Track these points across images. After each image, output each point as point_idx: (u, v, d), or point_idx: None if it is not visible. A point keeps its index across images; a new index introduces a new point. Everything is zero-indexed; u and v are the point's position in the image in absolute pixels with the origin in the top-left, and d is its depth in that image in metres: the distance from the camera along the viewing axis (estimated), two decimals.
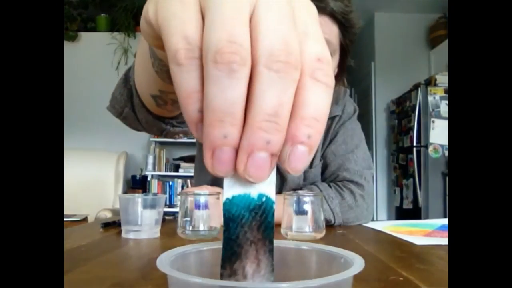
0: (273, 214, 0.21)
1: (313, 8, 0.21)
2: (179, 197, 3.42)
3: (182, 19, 0.19)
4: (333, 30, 0.82)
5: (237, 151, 0.18)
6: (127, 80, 0.57)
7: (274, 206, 0.21)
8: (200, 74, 0.18)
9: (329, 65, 0.20)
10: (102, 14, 3.94)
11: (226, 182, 0.20)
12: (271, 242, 0.21)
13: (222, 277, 0.21)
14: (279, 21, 0.19)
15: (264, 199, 0.20)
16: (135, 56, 0.61)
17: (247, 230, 0.20)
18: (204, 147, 0.18)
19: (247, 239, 0.20)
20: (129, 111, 0.58)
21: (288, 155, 0.19)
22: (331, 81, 0.19)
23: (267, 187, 0.20)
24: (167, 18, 0.20)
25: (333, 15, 0.80)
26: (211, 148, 0.18)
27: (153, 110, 0.54)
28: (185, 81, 0.18)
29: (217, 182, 0.98)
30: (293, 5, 0.20)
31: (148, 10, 0.22)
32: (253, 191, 0.20)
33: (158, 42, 0.26)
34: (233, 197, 0.20)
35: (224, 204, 0.20)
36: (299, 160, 0.19)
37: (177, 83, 0.19)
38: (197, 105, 0.19)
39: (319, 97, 0.19)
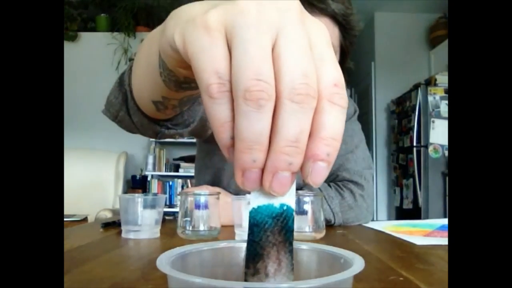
0: (293, 220, 0.23)
1: (325, 30, 0.23)
2: (179, 197, 3.42)
3: (212, 55, 0.21)
4: (334, 32, 0.82)
5: (263, 170, 0.21)
6: (121, 84, 0.57)
7: (294, 214, 0.23)
8: (230, 105, 0.21)
9: (343, 87, 0.22)
10: (102, 14, 3.93)
11: (252, 194, 0.23)
12: (291, 244, 0.23)
13: (246, 275, 0.22)
14: (298, 53, 0.21)
15: (285, 207, 0.23)
16: (129, 60, 0.61)
17: (270, 234, 0.22)
18: (235, 168, 0.21)
19: (269, 242, 0.22)
20: (124, 115, 0.58)
21: (310, 171, 0.21)
22: (346, 102, 0.22)
23: (288, 198, 0.23)
24: (197, 53, 0.22)
25: (334, 17, 0.81)
26: (242, 169, 0.21)
27: (151, 114, 0.54)
28: (218, 112, 0.21)
29: (217, 182, 0.98)
30: (309, 31, 0.22)
31: (175, 38, 0.24)
32: (276, 202, 0.23)
33: (181, 64, 0.28)
34: (258, 206, 0.22)
35: (250, 212, 0.23)
36: (320, 175, 0.21)
37: (210, 114, 0.21)
38: (229, 133, 0.21)
39: (336, 119, 0.21)
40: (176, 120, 0.59)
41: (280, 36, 0.21)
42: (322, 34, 0.23)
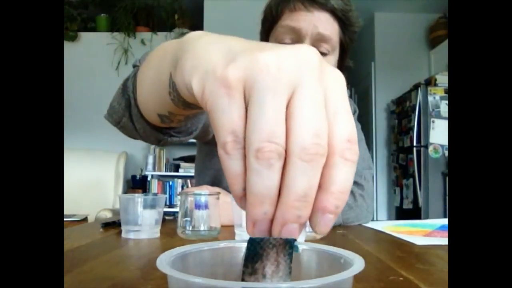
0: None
1: (342, 81, 0.24)
2: (179, 197, 3.42)
3: (230, 115, 0.22)
4: (334, 27, 0.83)
5: (272, 219, 0.22)
6: (125, 90, 0.56)
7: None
8: (243, 161, 0.22)
9: (356, 142, 0.23)
10: (102, 14, 3.93)
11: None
12: (291, 247, 0.23)
13: (243, 274, 0.23)
14: (311, 111, 0.21)
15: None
16: (133, 66, 0.60)
17: (271, 237, 0.23)
18: (247, 218, 0.22)
19: (270, 243, 0.23)
20: (127, 121, 0.58)
21: (318, 222, 0.22)
22: (357, 156, 0.23)
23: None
24: (216, 111, 0.23)
25: (333, 13, 0.82)
26: (253, 220, 0.22)
27: (155, 124, 0.54)
28: (232, 166, 0.22)
29: (217, 183, 0.98)
30: (325, 84, 0.23)
31: (192, 85, 0.25)
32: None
33: (196, 102, 0.28)
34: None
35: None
36: (328, 225, 0.22)
37: (224, 166, 0.23)
38: (241, 185, 0.22)
39: (346, 174, 0.22)
40: (179, 128, 0.59)
41: (296, 93, 0.22)
42: (339, 86, 0.24)
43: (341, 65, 0.91)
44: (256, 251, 0.23)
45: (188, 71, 0.26)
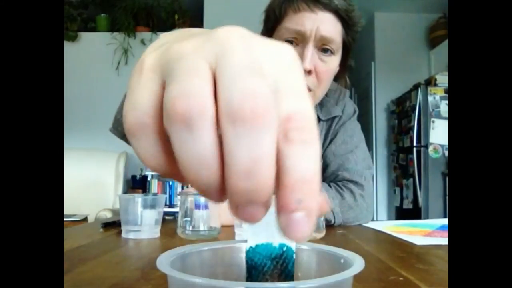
0: (293, 264, 0.22)
1: (282, 55, 0.19)
2: (179, 197, 3.42)
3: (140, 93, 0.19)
4: (337, 28, 0.83)
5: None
6: None
7: (294, 256, 0.22)
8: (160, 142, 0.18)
9: (304, 118, 0.18)
10: (102, 14, 3.93)
11: (250, 231, 0.21)
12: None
13: None
14: (240, 72, 0.17)
15: (285, 248, 0.21)
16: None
17: (269, 278, 0.21)
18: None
19: None
20: None
21: (285, 226, 0.17)
22: (309, 134, 0.18)
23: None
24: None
25: (337, 13, 0.82)
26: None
27: None
28: (141, 150, 0.19)
29: None
30: (255, 57, 0.18)
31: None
32: (275, 241, 0.21)
33: None
34: (256, 245, 0.21)
35: (247, 252, 0.21)
36: (299, 228, 0.17)
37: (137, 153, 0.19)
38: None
39: (299, 158, 0.17)
40: None
41: (219, 60, 0.17)
42: (276, 59, 0.19)
43: (344, 65, 0.92)
44: None
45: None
